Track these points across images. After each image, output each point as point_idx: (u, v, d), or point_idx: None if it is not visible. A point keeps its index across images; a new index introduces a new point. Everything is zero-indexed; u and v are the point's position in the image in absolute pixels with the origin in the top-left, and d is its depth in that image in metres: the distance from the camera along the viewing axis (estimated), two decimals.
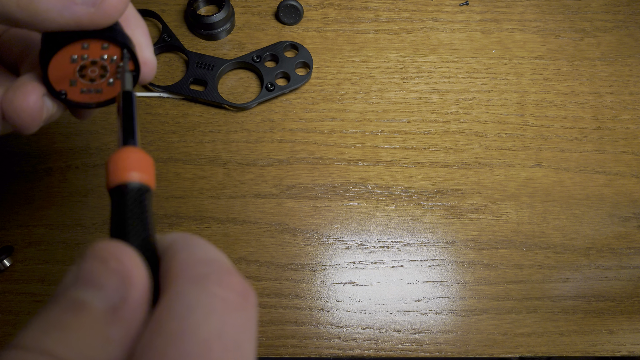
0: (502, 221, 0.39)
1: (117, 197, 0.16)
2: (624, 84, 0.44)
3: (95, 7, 0.18)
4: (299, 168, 0.40)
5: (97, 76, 0.22)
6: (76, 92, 0.22)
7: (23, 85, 0.20)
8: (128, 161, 0.16)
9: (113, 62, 0.21)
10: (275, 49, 0.43)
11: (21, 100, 0.20)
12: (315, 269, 0.38)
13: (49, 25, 0.18)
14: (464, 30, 0.46)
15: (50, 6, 0.18)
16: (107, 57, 0.21)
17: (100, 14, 0.18)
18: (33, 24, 0.18)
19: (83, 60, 0.20)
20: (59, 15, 0.18)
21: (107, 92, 0.23)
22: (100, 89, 0.22)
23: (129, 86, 0.20)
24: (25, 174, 0.39)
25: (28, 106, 0.20)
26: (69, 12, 0.18)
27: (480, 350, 0.36)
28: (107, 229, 0.38)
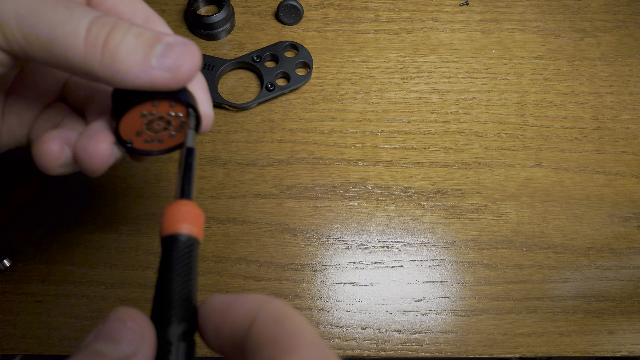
0: (502, 221, 0.39)
1: (167, 245, 0.18)
2: (624, 84, 0.44)
3: (170, 73, 0.20)
4: (299, 168, 0.40)
5: (161, 129, 0.23)
6: (141, 142, 0.23)
7: (96, 134, 0.22)
8: (181, 214, 0.18)
9: (178, 118, 0.23)
10: (275, 49, 0.43)
11: (94, 147, 0.22)
12: (315, 269, 0.38)
13: (126, 84, 0.20)
14: (464, 30, 0.46)
15: (130, 68, 0.19)
16: (173, 113, 0.23)
17: (175, 79, 0.20)
18: (111, 81, 0.20)
19: (152, 115, 0.22)
20: (136, 76, 0.19)
21: (168, 142, 0.24)
22: (162, 139, 0.24)
23: (191, 143, 0.22)
24: (25, 174, 0.39)
25: (100, 153, 0.22)
26: (147, 75, 0.19)
27: (480, 351, 0.36)
28: (107, 228, 0.38)
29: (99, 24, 0.19)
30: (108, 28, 0.19)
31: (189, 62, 0.20)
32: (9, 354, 0.36)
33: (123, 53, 0.19)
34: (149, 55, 0.19)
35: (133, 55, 0.19)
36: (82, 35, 0.19)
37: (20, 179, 0.39)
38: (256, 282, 0.37)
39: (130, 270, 0.37)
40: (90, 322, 0.36)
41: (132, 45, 0.19)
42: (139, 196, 0.39)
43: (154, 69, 0.20)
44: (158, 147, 0.24)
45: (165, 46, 0.20)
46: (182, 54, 0.20)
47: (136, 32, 0.20)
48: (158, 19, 0.24)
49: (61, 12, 0.19)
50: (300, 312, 0.36)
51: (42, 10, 0.18)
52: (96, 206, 0.39)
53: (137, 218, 0.38)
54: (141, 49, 0.19)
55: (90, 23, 0.19)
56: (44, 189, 0.39)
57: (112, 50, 0.19)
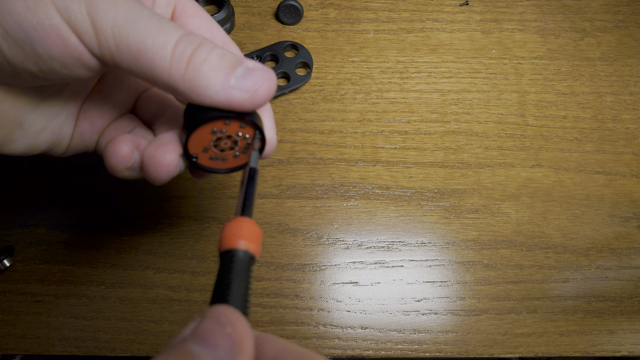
0: (502, 221, 0.39)
1: (225, 260, 0.18)
2: (624, 84, 0.44)
3: (248, 95, 0.21)
4: (299, 168, 0.40)
5: (227, 148, 0.24)
6: (205, 158, 0.24)
7: (165, 144, 0.23)
8: (240, 230, 0.18)
9: (245, 139, 0.24)
10: (275, 49, 0.43)
11: (161, 156, 0.22)
12: (315, 269, 0.38)
13: (205, 100, 0.21)
14: (464, 30, 0.46)
15: (211, 84, 0.20)
16: (241, 134, 0.23)
17: (251, 101, 0.21)
18: (189, 95, 0.20)
19: (221, 133, 0.23)
20: (215, 93, 0.20)
21: (231, 162, 0.25)
22: (226, 158, 0.25)
23: (255, 164, 0.23)
24: (26, 174, 0.39)
25: (167, 162, 0.23)
26: (225, 94, 0.20)
27: (480, 351, 0.36)
28: (107, 228, 0.38)
29: (187, 40, 0.20)
30: (194, 45, 0.20)
31: (266, 87, 0.21)
32: (9, 354, 0.36)
33: (206, 70, 0.20)
34: (230, 75, 0.20)
35: (215, 73, 0.20)
36: (170, 48, 0.20)
37: (21, 179, 0.39)
38: (256, 282, 0.37)
39: (130, 270, 0.37)
40: (90, 322, 0.36)
41: (216, 64, 0.20)
42: (140, 196, 0.39)
43: (233, 88, 0.20)
44: (221, 166, 0.25)
45: (246, 69, 0.21)
46: (261, 79, 0.21)
47: (220, 53, 0.21)
48: (234, 46, 0.26)
49: (153, 25, 0.20)
50: (300, 312, 0.36)
51: (137, 21, 0.19)
52: (96, 206, 0.39)
53: (138, 218, 0.38)
54: (223, 69, 0.20)
55: (178, 38, 0.20)
56: (44, 189, 0.39)
57: (196, 66, 0.20)
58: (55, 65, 0.20)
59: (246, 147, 0.24)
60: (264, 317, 0.36)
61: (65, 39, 0.19)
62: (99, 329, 0.36)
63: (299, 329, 0.36)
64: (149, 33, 0.20)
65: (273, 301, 0.37)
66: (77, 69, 0.20)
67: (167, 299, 0.36)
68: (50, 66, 0.20)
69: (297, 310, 0.36)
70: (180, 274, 0.37)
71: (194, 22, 0.25)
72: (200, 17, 0.25)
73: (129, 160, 0.23)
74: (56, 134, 0.25)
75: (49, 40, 0.19)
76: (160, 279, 0.37)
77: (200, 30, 0.25)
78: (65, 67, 0.20)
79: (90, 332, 0.35)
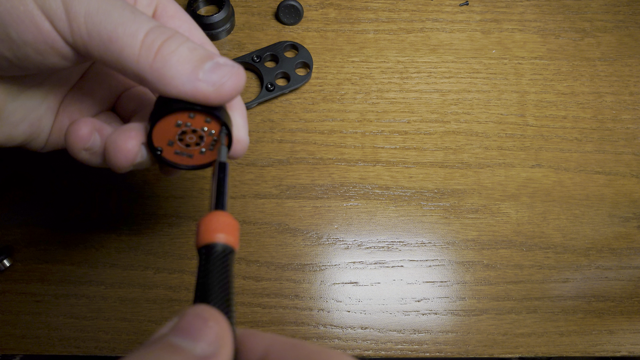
0: (502, 221, 0.39)
1: (204, 255, 0.18)
2: (624, 84, 0.44)
3: (214, 88, 0.21)
4: (299, 168, 0.40)
5: (193, 143, 0.24)
6: (170, 152, 0.24)
7: (128, 130, 0.23)
8: (217, 224, 0.18)
9: (210, 135, 0.24)
10: (275, 49, 0.43)
11: (122, 141, 0.23)
12: (315, 269, 0.38)
13: (170, 91, 0.21)
14: (464, 30, 0.46)
15: (177, 75, 0.20)
16: (207, 129, 0.23)
17: (216, 94, 0.21)
18: (157, 85, 0.21)
19: (186, 127, 0.23)
20: (182, 84, 0.21)
21: (197, 159, 0.25)
22: (192, 154, 0.24)
23: (224, 158, 0.22)
24: (26, 174, 0.39)
25: (126, 148, 0.23)
26: (191, 85, 0.21)
27: (480, 351, 0.36)
28: (107, 228, 0.38)
29: (158, 31, 0.21)
30: (165, 36, 0.21)
31: (232, 81, 0.21)
32: (9, 354, 0.36)
33: (174, 61, 0.20)
34: (198, 68, 0.21)
35: (183, 65, 0.21)
36: (140, 37, 0.20)
37: (21, 179, 0.39)
38: (256, 282, 0.37)
39: (130, 270, 0.37)
40: (90, 322, 0.36)
41: (185, 56, 0.21)
42: (139, 196, 0.39)
43: (200, 80, 0.21)
44: (187, 162, 0.25)
45: (215, 64, 0.21)
46: (228, 73, 0.21)
47: (191, 46, 0.21)
48: (213, 47, 0.26)
49: (126, 15, 0.20)
50: (300, 312, 0.36)
51: (109, 11, 0.20)
52: (96, 206, 0.39)
53: (137, 218, 0.38)
54: (192, 61, 0.21)
55: (149, 29, 0.20)
56: (44, 189, 0.39)
57: (165, 56, 0.20)
58: (29, 51, 0.20)
59: (212, 143, 0.24)
60: (264, 317, 0.36)
61: (39, 25, 0.20)
62: (99, 329, 0.36)
63: (299, 329, 0.36)
64: (121, 22, 0.20)
65: (273, 301, 0.37)
66: (51, 56, 0.21)
67: (167, 299, 0.36)
68: (24, 52, 0.20)
69: (297, 310, 0.36)
70: (180, 274, 0.37)
71: (174, 23, 0.25)
72: (180, 18, 0.25)
73: (86, 141, 0.23)
74: (35, 126, 0.25)
75: (22, 26, 0.19)
76: (160, 279, 0.37)
77: (180, 30, 0.25)
78: (39, 54, 0.20)
79: (90, 332, 0.35)
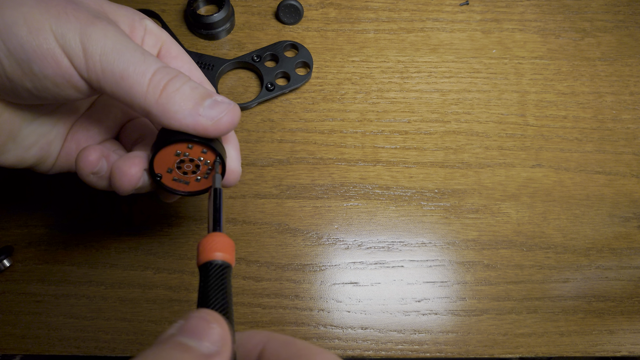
0: (503, 221, 0.39)
1: (205, 271, 0.20)
2: (624, 84, 0.44)
3: (212, 122, 0.24)
4: (299, 168, 0.40)
5: (190, 171, 0.27)
6: (169, 179, 0.27)
7: (132, 157, 0.26)
8: (214, 244, 0.21)
9: (206, 165, 0.26)
10: (275, 49, 0.43)
11: (127, 167, 0.25)
12: (316, 270, 0.38)
13: (174, 124, 0.23)
14: (465, 30, 0.46)
15: (180, 111, 0.23)
16: (202, 159, 0.26)
17: (214, 128, 0.24)
18: (162, 120, 0.23)
19: (184, 156, 0.25)
20: (183, 117, 0.23)
21: (193, 186, 0.28)
22: (188, 181, 0.27)
23: (218, 185, 0.25)
24: (26, 175, 0.39)
25: (130, 173, 0.25)
26: (192, 120, 0.23)
27: (481, 351, 0.36)
28: (107, 229, 0.38)
29: (164, 71, 0.23)
30: (170, 76, 0.23)
31: (228, 117, 0.24)
32: (9, 354, 0.35)
33: (178, 98, 0.23)
34: (199, 104, 0.24)
35: (186, 101, 0.23)
36: (148, 76, 0.23)
37: (21, 180, 0.39)
38: (256, 282, 0.37)
39: (130, 270, 0.37)
40: (90, 322, 0.36)
41: (187, 94, 0.23)
42: (139, 196, 0.39)
43: (200, 116, 0.23)
44: (183, 188, 0.28)
45: (214, 101, 0.24)
46: (225, 110, 0.24)
47: (193, 85, 0.24)
48: (210, 86, 0.29)
49: (137, 56, 0.23)
50: (300, 312, 0.36)
51: (122, 51, 0.23)
52: (96, 206, 0.39)
53: (137, 218, 0.38)
54: (193, 99, 0.24)
55: (157, 69, 0.23)
56: (45, 189, 0.39)
57: (170, 94, 0.23)
58: (48, 84, 0.23)
59: (207, 172, 0.27)
60: (264, 318, 0.36)
61: (59, 61, 0.22)
62: (99, 329, 0.35)
63: (299, 330, 0.36)
64: (132, 62, 0.22)
65: (273, 301, 0.37)
66: (67, 89, 0.23)
67: (167, 299, 0.36)
68: (43, 84, 0.23)
69: (297, 310, 0.36)
70: (180, 274, 0.37)
71: (176, 63, 0.28)
72: (182, 59, 0.28)
73: (94, 166, 0.25)
74: (44, 150, 0.27)
75: (44, 61, 0.22)
76: (160, 279, 0.37)
77: (182, 70, 0.27)
78: (57, 87, 0.23)
79: (90, 332, 0.35)
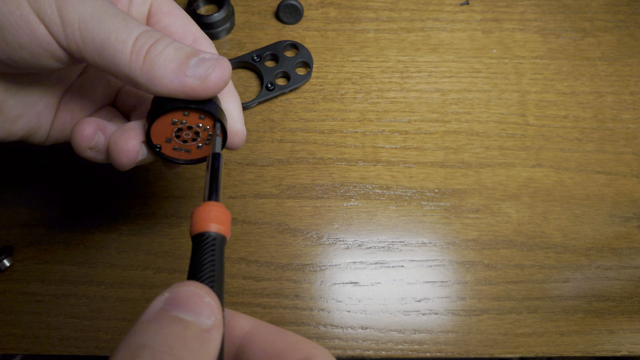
0: (503, 221, 0.39)
1: (198, 243, 0.19)
2: (625, 83, 0.44)
3: (200, 81, 0.22)
4: (299, 168, 0.40)
5: (190, 139, 0.25)
6: (169, 148, 0.25)
7: (128, 130, 0.24)
8: (210, 214, 0.19)
9: (206, 131, 0.25)
10: (276, 49, 0.43)
11: (124, 142, 0.24)
12: (316, 269, 0.38)
13: (160, 90, 0.22)
14: (465, 29, 0.46)
15: (165, 74, 0.22)
16: (201, 125, 0.24)
17: (203, 87, 0.22)
18: (148, 87, 0.22)
19: (182, 124, 0.24)
20: (170, 82, 0.22)
21: (195, 153, 0.26)
22: (189, 149, 0.26)
23: (218, 149, 0.23)
24: (26, 174, 0.39)
25: (127, 148, 0.24)
26: (178, 82, 0.22)
27: (481, 351, 0.36)
28: (107, 228, 0.38)
29: (147, 35, 0.22)
30: (153, 40, 0.22)
31: (217, 73, 0.22)
32: (9, 353, 0.35)
33: (161, 61, 0.22)
34: (184, 65, 0.22)
35: (170, 64, 0.22)
36: (130, 43, 0.21)
37: (21, 180, 0.39)
38: (256, 282, 0.37)
39: (130, 270, 0.37)
40: (90, 322, 0.36)
41: (171, 56, 0.22)
42: (139, 196, 0.39)
43: (186, 76, 0.22)
44: (185, 157, 0.26)
45: (200, 59, 0.22)
46: (213, 66, 0.22)
47: (177, 46, 0.22)
48: (206, 40, 0.27)
49: (118, 22, 0.21)
50: (300, 312, 0.36)
51: (102, 18, 0.21)
52: (96, 206, 0.39)
53: (137, 218, 0.38)
54: (178, 59, 0.22)
55: (139, 34, 0.22)
56: (44, 189, 0.39)
57: (153, 58, 0.21)
58: (24, 54, 0.21)
59: (208, 138, 0.25)
60: (264, 317, 0.36)
61: (34, 29, 0.20)
62: (99, 329, 0.35)
63: (299, 329, 0.36)
64: (113, 30, 0.21)
65: (273, 301, 0.37)
66: (46, 59, 0.22)
67: None
68: (19, 54, 0.21)
69: (297, 310, 0.36)
70: (180, 274, 0.37)
71: (168, 19, 0.26)
72: (174, 14, 0.26)
73: (91, 140, 0.24)
74: (33, 122, 0.26)
75: (18, 29, 0.20)
76: (160, 279, 0.37)
77: (174, 26, 0.26)
78: (34, 57, 0.21)
79: (90, 332, 0.35)
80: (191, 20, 0.27)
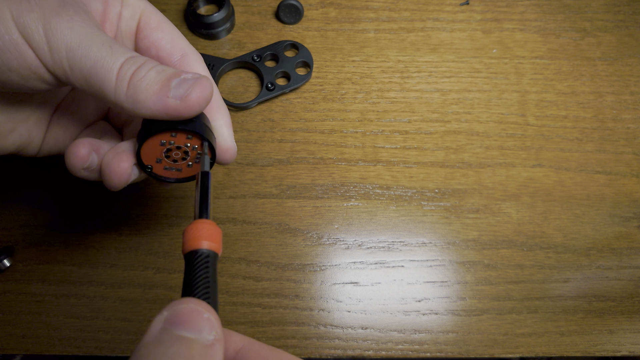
0: (503, 221, 0.39)
1: (191, 260, 0.19)
2: (625, 83, 0.44)
3: (181, 100, 0.22)
4: (299, 168, 0.40)
5: (180, 158, 0.26)
6: (160, 168, 0.26)
7: (120, 153, 0.25)
8: (201, 232, 0.20)
9: (195, 150, 0.25)
10: (276, 49, 0.43)
11: (116, 165, 0.24)
12: (316, 269, 0.38)
13: (145, 112, 0.22)
14: (465, 29, 0.46)
15: (148, 97, 0.22)
16: (189, 145, 0.25)
17: (184, 106, 0.22)
18: (133, 111, 0.22)
19: (170, 145, 0.25)
20: (153, 105, 0.22)
21: (185, 172, 0.27)
22: (180, 168, 0.26)
23: (207, 168, 0.24)
24: (26, 175, 0.39)
25: (119, 171, 0.24)
26: (161, 104, 0.22)
27: (481, 351, 0.36)
28: (107, 228, 0.38)
29: (131, 62, 0.22)
30: (137, 65, 0.22)
31: (197, 92, 0.22)
32: (9, 354, 0.35)
33: (144, 85, 0.22)
34: (166, 87, 0.22)
35: (152, 87, 0.22)
36: (115, 71, 0.22)
37: (22, 181, 0.39)
38: (256, 282, 0.37)
39: (130, 270, 0.37)
40: (90, 322, 0.36)
41: (153, 79, 0.22)
42: (139, 196, 0.39)
43: (168, 98, 0.22)
44: (176, 176, 0.27)
45: (182, 80, 0.23)
46: (193, 85, 0.22)
47: (159, 69, 0.23)
48: (195, 55, 0.27)
49: (105, 50, 0.22)
50: (301, 312, 0.36)
51: (90, 46, 0.21)
52: (96, 206, 0.39)
53: (137, 218, 0.38)
54: (159, 82, 0.22)
55: (124, 61, 0.22)
56: (44, 189, 0.39)
57: (136, 83, 0.22)
58: (13, 76, 0.21)
59: (198, 156, 0.26)
60: (264, 318, 0.36)
61: (23, 53, 0.21)
62: (99, 329, 0.35)
63: (299, 329, 0.36)
64: (99, 58, 0.21)
65: (273, 301, 0.37)
66: (34, 81, 0.22)
67: (167, 299, 0.36)
68: (7, 76, 0.21)
69: (297, 310, 0.36)
70: (180, 274, 0.37)
71: (156, 35, 0.26)
72: (162, 30, 0.26)
73: (85, 161, 0.24)
74: (24, 137, 0.26)
75: (7, 53, 0.21)
76: (160, 279, 0.37)
77: (163, 41, 0.26)
78: (23, 79, 0.22)
79: (90, 332, 0.35)
80: (180, 34, 0.27)
